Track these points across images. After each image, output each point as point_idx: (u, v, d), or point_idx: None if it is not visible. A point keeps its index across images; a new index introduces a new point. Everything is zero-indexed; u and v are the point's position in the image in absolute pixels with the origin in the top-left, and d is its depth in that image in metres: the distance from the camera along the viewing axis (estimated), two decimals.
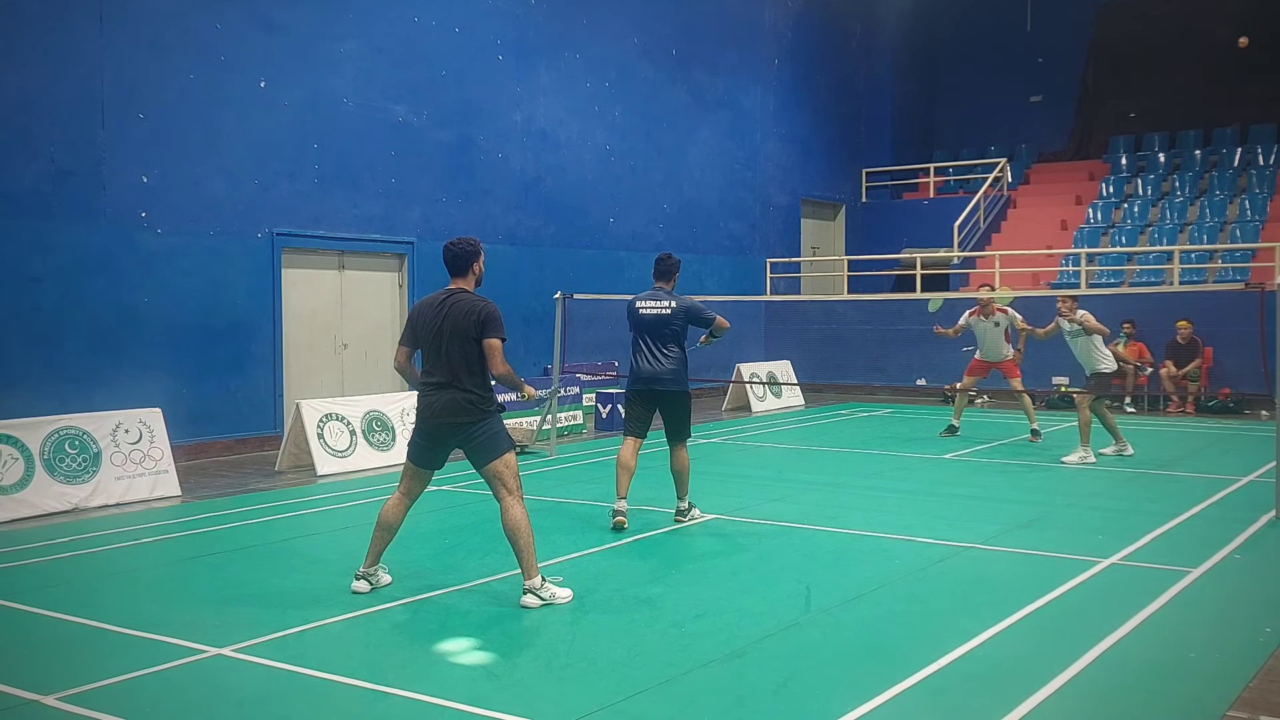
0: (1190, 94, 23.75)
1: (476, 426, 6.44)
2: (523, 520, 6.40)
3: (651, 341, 8.53)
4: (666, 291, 8.64)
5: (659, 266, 8.72)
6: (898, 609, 6.35)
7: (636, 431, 8.71)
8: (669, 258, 8.73)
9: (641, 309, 8.59)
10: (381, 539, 6.75)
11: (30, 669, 5.37)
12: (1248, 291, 10.29)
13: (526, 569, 6.39)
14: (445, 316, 6.42)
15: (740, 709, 4.81)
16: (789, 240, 22.11)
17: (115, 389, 11.26)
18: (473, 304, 6.43)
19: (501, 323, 6.47)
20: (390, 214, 14.41)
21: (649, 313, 8.55)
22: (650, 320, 8.54)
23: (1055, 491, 10.17)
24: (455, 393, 6.40)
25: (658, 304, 8.54)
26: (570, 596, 6.48)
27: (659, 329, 8.51)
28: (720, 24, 20.16)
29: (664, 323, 8.50)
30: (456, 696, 4.92)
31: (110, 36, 11.61)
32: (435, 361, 6.45)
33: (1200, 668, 5.34)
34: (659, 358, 8.50)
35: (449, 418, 6.43)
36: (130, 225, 11.84)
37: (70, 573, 7.47)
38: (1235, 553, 7.64)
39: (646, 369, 8.54)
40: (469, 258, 6.58)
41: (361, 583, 6.71)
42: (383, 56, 14.29)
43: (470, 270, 6.60)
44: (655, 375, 8.52)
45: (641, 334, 8.59)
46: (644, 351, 8.55)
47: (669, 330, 8.50)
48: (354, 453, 11.60)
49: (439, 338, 6.41)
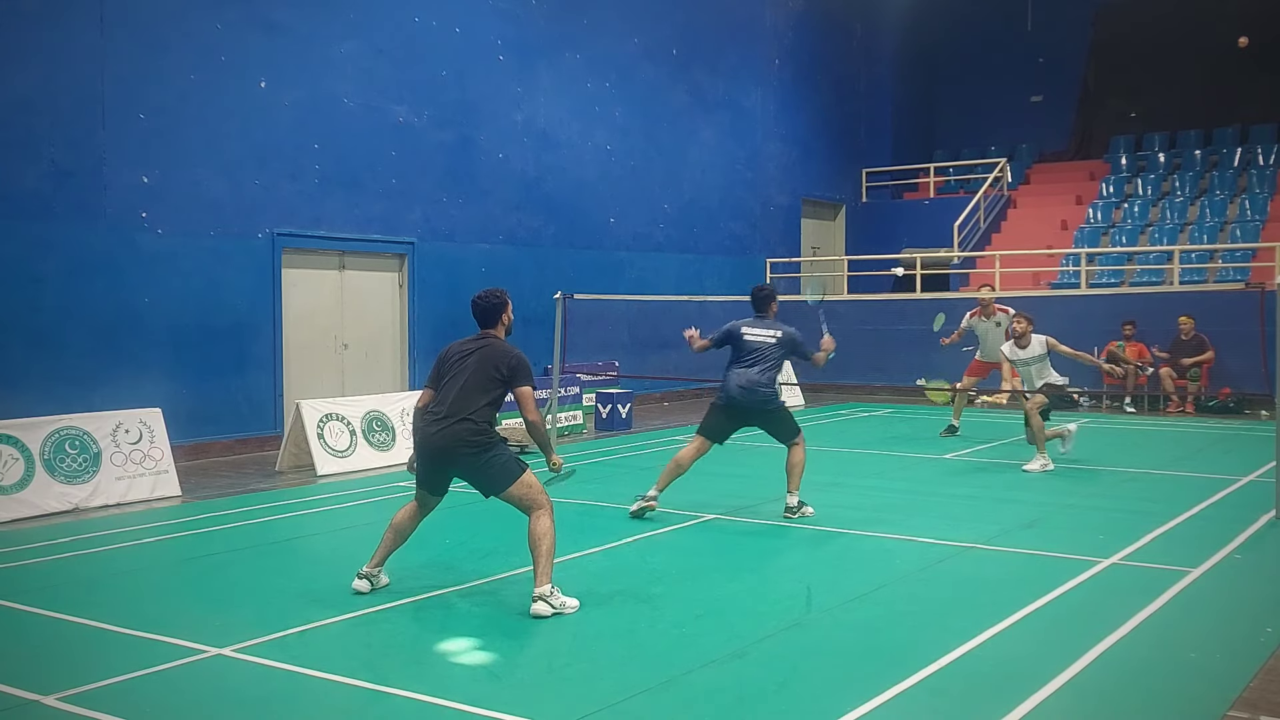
0: (1190, 94, 23.74)
1: (480, 457, 6.41)
2: (548, 530, 6.35)
3: (751, 362, 8.88)
4: (772, 321, 9.06)
5: (755, 299, 9.19)
6: (898, 609, 6.35)
7: (708, 435, 9.12)
8: (761, 289, 9.23)
9: (746, 334, 8.96)
10: (391, 541, 6.75)
11: (30, 669, 5.37)
12: (1248, 291, 10.30)
13: (542, 576, 6.31)
14: (473, 355, 6.52)
15: (740, 709, 4.81)
16: (789, 240, 22.11)
17: (115, 389, 11.26)
18: (506, 351, 6.55)
19: (532, 373, 6.61)
20: (390, 214, 14.41)
21: (753, 339, 8.94)
22: (753, 345, 8.93)
23: (1055, 491, 10.17)
24: (457, 424, 6.39)
25: (765, 332, 8.96)
26: (577, 605, 6.40)
27: (761, 353, 8.90)
28: (721, 24, 20.16)
29: (767, 350, 8.91)
30: (456, 696, 4.92)
31: (111, 37, 11.61)
32: (445, 396, 6.48)
33: (1200, 668, 5.34)
34: (755, 378, 8.83)
35: (454, 450, 6.40)
36: (131, 226, 11.84)
37: (70, 573, 7.47)
38: (1235, 553, 7.64)
39: (741, 386, 8.85)
40: (498, 310, 6.73)
41: (363, 582, 6.71)
42: (383, 57, 14.29)
43: (500, 321, 6.74)
44: (750, 390, 8.82)
45: (742, 354, 8.96)
46: (740, 370, 8.91)
47: (770, 357, 8.89)
48: (354, 453, 11.60)
49: (461, 374, 6.47)
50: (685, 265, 19.43)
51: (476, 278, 15.49)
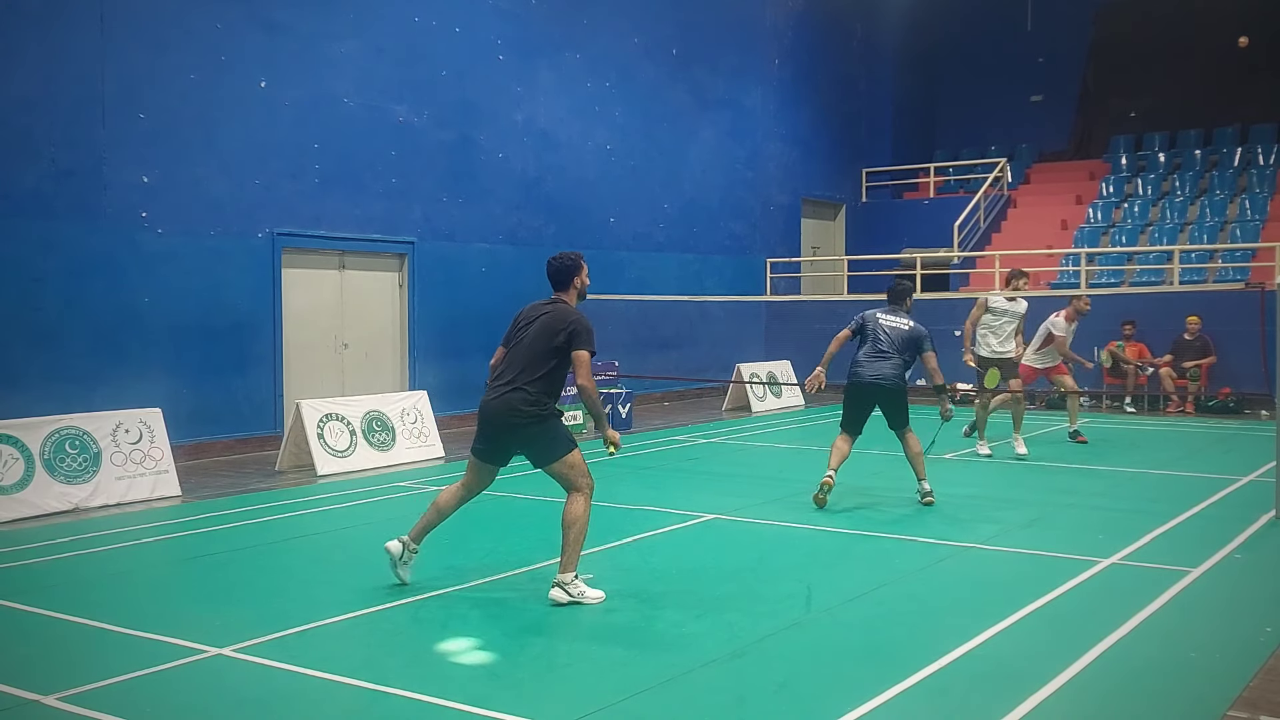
0: (1190, 94, 23.74)
1: (531, 428, 6.42)
2: (581, 515, 6.36)
3: (882, 346, 9.50)
4: (907, 313, 9.78)
5: (891, 293, 9.98)
6: (898, 609, 6.35)
7: (849, 430, 9.63)
8: (899, 283, 10.03)
9: (881, 320, 9.66)
10: (431, 518, 6.79)
11: (30, 669, 5.37)
12: (1248, 291, 10.31)
13: (565, 562, 6.34)
14: (537, 321, 6.55)
15: (740, 709, 4.81)
16: (789, 240, 22.11)
17: (116, 389, 11.26)
18: (566, 314, 6.56)
19: (593, 337, 6.54)
20: (391, 214, 14.41)
21: (888, 327, 9.60)
22: (887, 331, 9.57)
23: (1055, 491, 10.17)
24: (511, 392, 6.43)
25: (898, 322, 9.64)
26: (601, 598, 6.40)
27: (893, 340, 9.53)
28: (721, 24, 20.16)
29: (899, 337, 9.55)
30: (456, 696, 4.92)
31: (111, 36, 11.61)
32: (511, 360, 6.54)
33: (1200, 667, 5.34)
34: (884, 361, 9.45)
35: (505, 417, 6.44)
36: (131, 225, 11.84)
37: (70, 573, 7.47)
38: (1235, 553, 7.64)
39: (871, 369, 9.47)
40: (570, 272, 6.74)
41: (395, 544, 6.72)
42: (383, 56, 14.29)
43: (572, 284, 6.75)
44: (880, 373, 9.43)
45: (874, 338, 9.56)
46: (870, 353, 9.53)
47: (899, 344, 9.52)
48: (354, 453, 11.60)
49: (524, 340, 6.53)
50: (685, 265, 19.43)
51: (477, 277, 15.51)
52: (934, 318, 18.85)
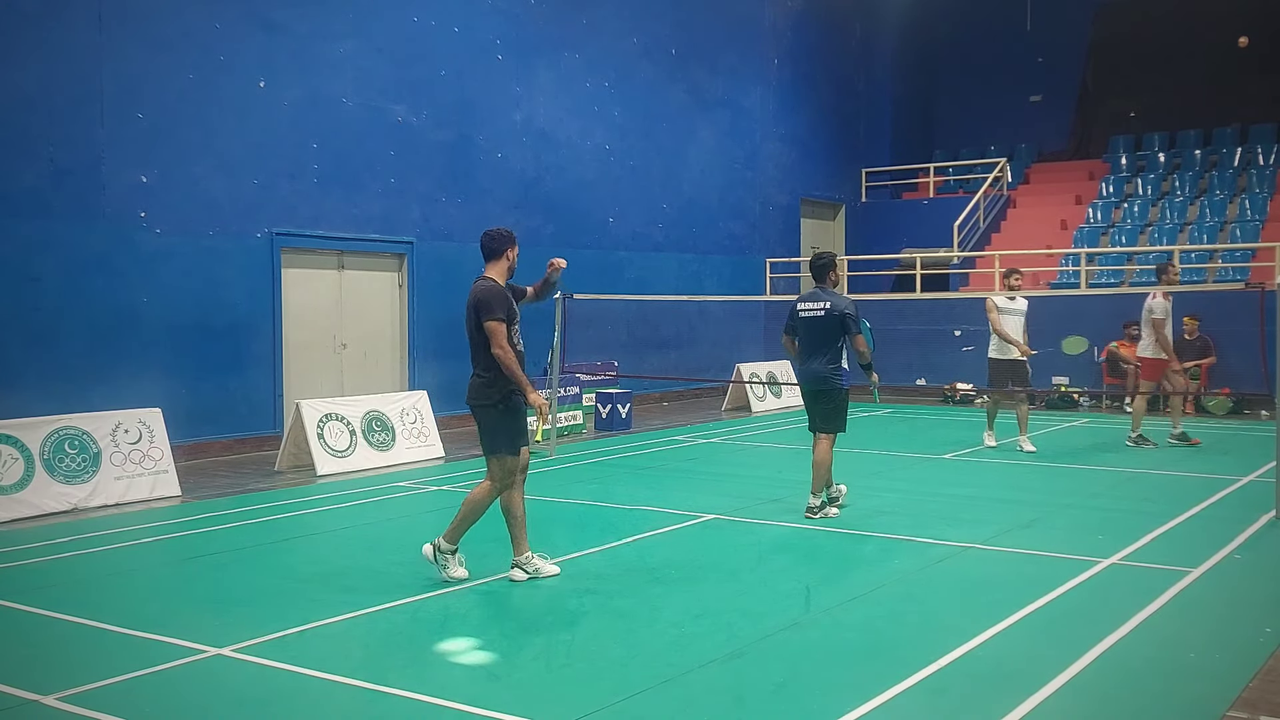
0: (1190, 94, 23.74)
1: (479, 411, 6.82)
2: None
3: (810, 342, 8.88)
4: (825, 292, 8.92)
5: (812, 269, 9.10)
6: (898, 609, 6.35)
7: (813, 427, 9.04)
8: (819, 256, 9.11)
9: (802, 310, 8.92)
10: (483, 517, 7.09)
11: (30, 669, 5.36)
12: (1248, 291, 10.29)
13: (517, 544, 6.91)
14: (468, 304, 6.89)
15: (740, 709, 4.81)
16: (789, 240, 22.10)
17: (115, 389, 11.25)
18: (475, 290, 6.87)
19: (499, 305, 6.73)
20: (389, 214, 14.40)
21: (807, 314, 8.88)
22: (807, 321, 8.89)
23: (1055, 491, 10.17)
24: (472, 378, 6.87)
25: (816, 307, 8.83)
26: (557, 571, 6.93)
27: (813, 329, 8.84)
28: (720, 24, 20.16)
29: (818, 324, 8.80)
30: (456, 696, 4.92)
31: (109, 36, 11.60)
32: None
33: (1200, 668, 5.34)
34: (811, 358, 8.86)
35: (469, 399, 6.88)
36: (129, 225, 11.83)
37: (70, 573, 7.47)
38: (1235, 553, 7.64)
39: (804, 369, 8.96)
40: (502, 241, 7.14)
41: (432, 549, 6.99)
42: (382, 56, 14.29)
43: (504, 255, 7.13)
44: (810, 374, 8.88)
45: (803, 334, 8.95)
46: (802, 351, 8.97)
47: (823, 331, 8.78)
48: (354, 453, 11.59)
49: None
50: (684, 265, 19.42)
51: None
52: (933, 318, 18.97)
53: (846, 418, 8.98)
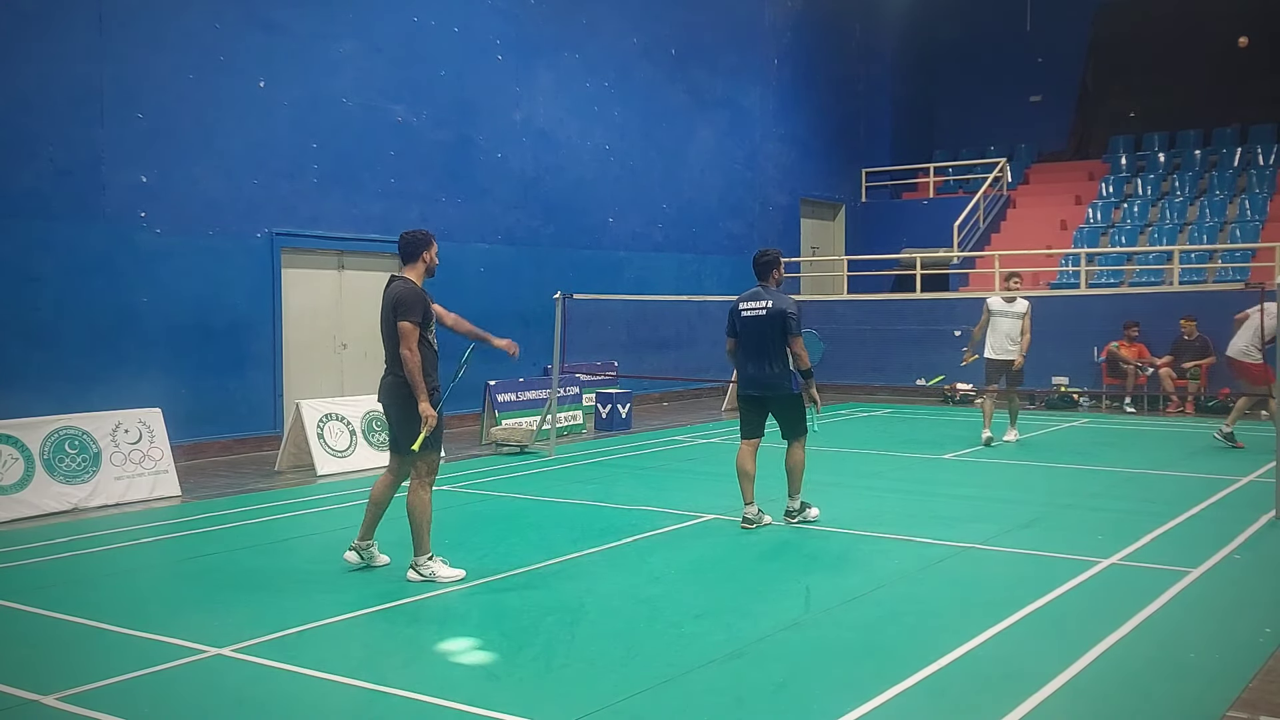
0: (1190, 94, 23.75)
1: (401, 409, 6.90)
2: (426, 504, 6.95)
3: (754, 344, 8.38)
4: (767, 291, 8.47)
5: (755, 267, 8.66)
6: (898, 609, 6.34)
7: (748, 433, 8.67)
8: (762, 253, 8.67)
9: (743, 310, 8.47)
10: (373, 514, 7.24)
11: (30, 669, 5.36)
12: (1248, 291, 10.30)
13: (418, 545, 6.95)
14: (385, 302, 7.01)
15: (740, 709, 4.81)
16: (789, 240, 22.10)
17: (115, 389, 11.25)
18: (395, 289, 7.00)
19: (416, 307, 6.86)
20: (389, 214, 14.39)
21: (748, 314, 8.42)
22: (748, 321, 8.41)
23: (1055, 491, 10.17)
24: (387, 377, 6.98)
25: (757, 307, 8.39)
26: (461, 575, 6.91)
27: (757, 330, 8.36)
28: (720, 24, 20.16)
29: (761, 324, 8.33)
30: (456, 696, 4.91)
31: (109, 36, 11.60)
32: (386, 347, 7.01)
33: (1200, 668, 5.33)
34: (758, 362, 8.37)
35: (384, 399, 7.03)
36: (129, 225, 11.83)
37: (70, 573, 7.47)
38: (1235, 553, 7.63)
39: (750, 374, 8.46)
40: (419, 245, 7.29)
41: (350, 554, 7.20)
42: (382, 56, 14.29)
43: (420, 258, 7.27)
44: (760, 380, 8.42)
45: (746, 337, 8.44)
46: (746, 354, 8.44)
47: (767, 332, 8.32)
48: (354, 453, 11.59)
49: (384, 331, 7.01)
50: (684, 265, 19.42)
51: (475, 277, 15.51)
52: (933, 318, 18.98)
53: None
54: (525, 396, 14.31)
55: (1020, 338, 12.90)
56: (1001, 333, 12.92)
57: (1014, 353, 12.90)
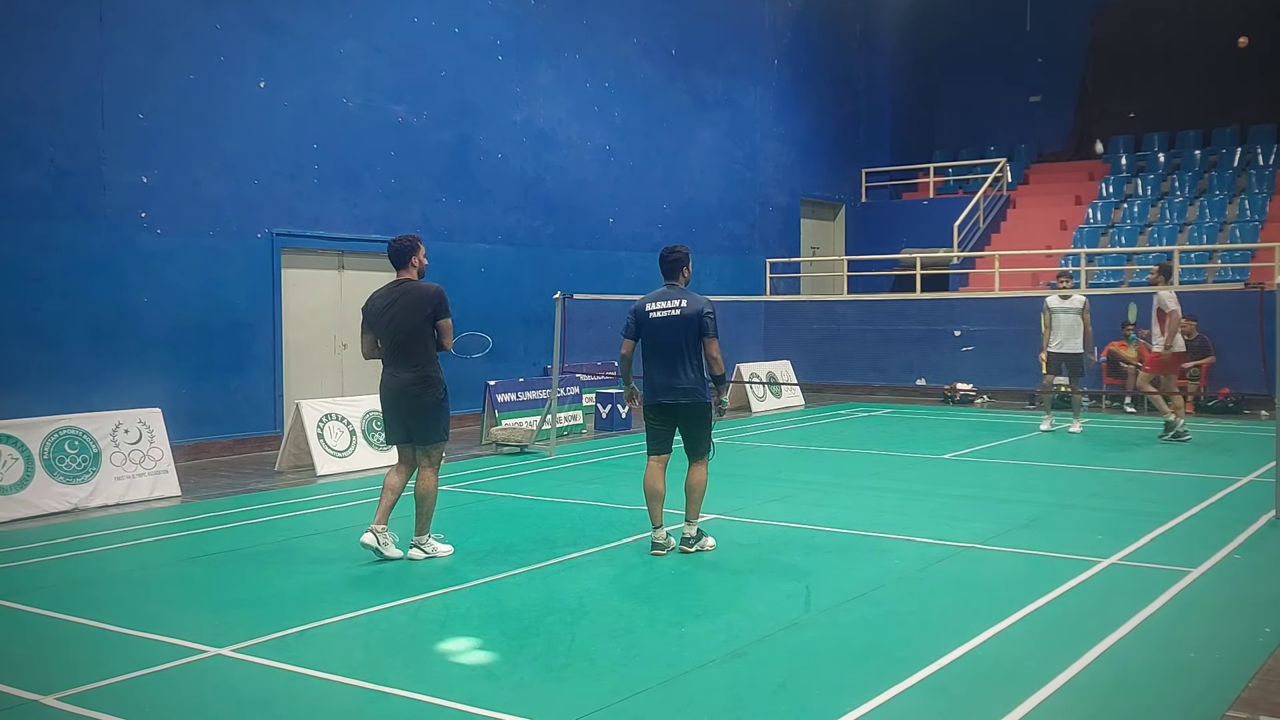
0: (1190, 94, 23.74)
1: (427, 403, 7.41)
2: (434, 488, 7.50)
3: (665, 349, 7.57)
4: (678, 290, 7.68)
5: (661, 265, 7.79)
6: (898, 609, 6.34)
7: (657, 448, 7.85)
8: (671, 250, 7.76)
9: (652, 311, 7.61)
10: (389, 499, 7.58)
11: (30, 669, 5.37)
12: (1248, 291, 10.29)
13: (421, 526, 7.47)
14: (397, 302, 7.35)
15: (740, 709, 4.81)
16: (789, 240, 22.10)
17: (115, 389, 11.25)
18: (424, 288, 7.42)
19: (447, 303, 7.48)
20: (390, 214, 14.40)
21: (659, 315, 7.58)
22: (659, 323, 7.57)
23: (1055, 491, 10.17)
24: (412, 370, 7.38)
25: (669, 307, 7.55)
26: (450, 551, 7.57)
27: (669, 333, 7.54)
28: (720, 24, 20.16)
29: (674, 326, 7.53)
30: (456, 696, 4.92)
31: (110, 36, 11.60)
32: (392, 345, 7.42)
33: (1200, 668, 5.34)
34: (672, 367, 7.57)
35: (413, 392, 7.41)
36: (130, 225, 11.83)
37: (70, 573, 7.47)
38: (1235, 553, 7.63)
39: (662, 381, 7.63)
40: (409, 251, 7.48)
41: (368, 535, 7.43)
42: (382, 57, 14.29)
43: (410, 263, 7.49)
44: (677, 388, 7.59)
45: (654, 340, 7.60)
46: (655, 360, 7.64)
47: (680, 335, 7.52)
48: (354, 453, 11.60)
49: (390, 320, 7.35)
50: None
51: (476, 278, 15.51)
52: (933, 318, 18.97)
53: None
54: (525, 396, 14.32)
55: (1080, 331, 13.93)
56: (1063, 328, 13.98)
57: (1076, 346, 13.93)
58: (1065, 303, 14.00)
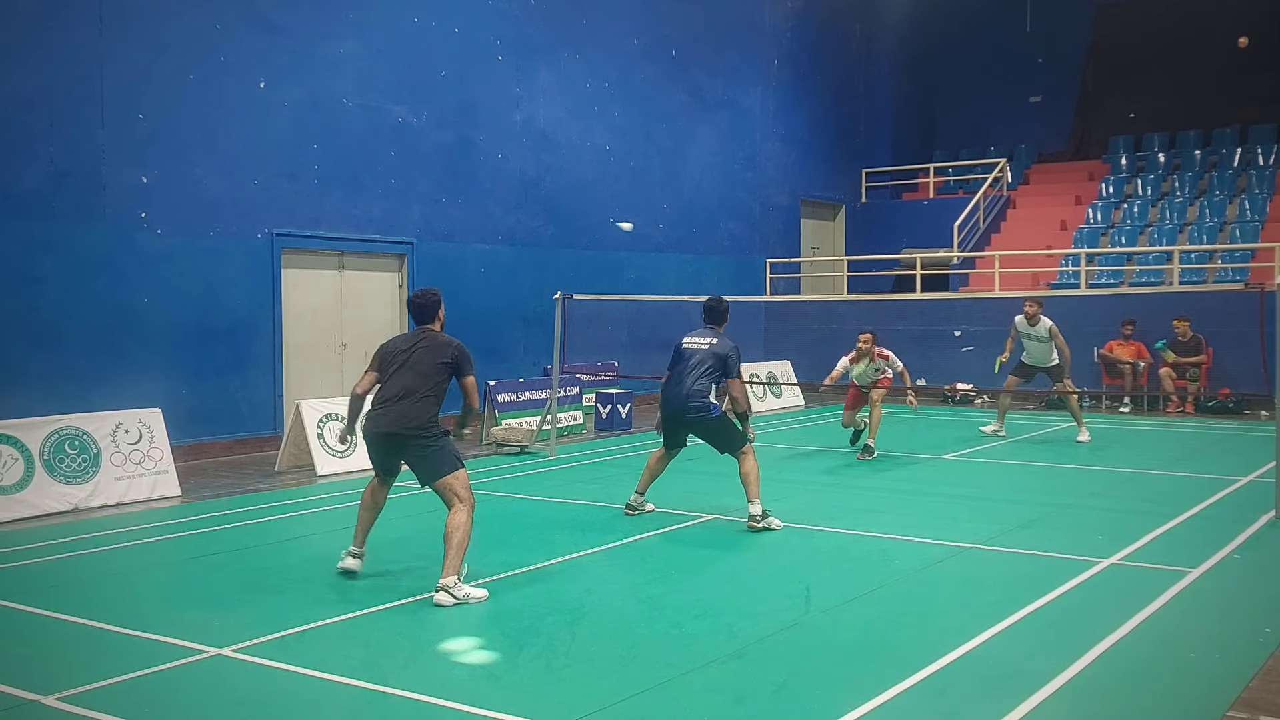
0: (1190, 94, 23.74)
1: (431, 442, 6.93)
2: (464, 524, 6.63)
3: (683, 371, 8.71)
4: (712, 331, 8.97)
5: (705, 312, 9.15)
6: (898, 609, 6.35)
7: (665, 444, 9.08)
8: (718, 301, 9.18)
9: (685, 343, 8.91)
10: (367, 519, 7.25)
11: (30, 669, 5.37)
12: (1247, 291, 10.29)
13: (448, 567, 6.47)
14: (418, 348, 6.99)
15: (740, 709, 4.81)
16: (789, 240, 22.10)
17: (115, 389, 11.24)
18: (448, 340, 7.09)
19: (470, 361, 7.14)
20: (390, 214, 14.40)
21: (689, 346, 8.86)
22: (687, 352, 8.83)
23: (1055, 491, 10.17)
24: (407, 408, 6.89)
25: (700, 340, 8.86)
26: (485, 596, 6.54)
27: (691, 360, 8.75)
28: (720, 24, 20.16)
29: (696, 355, 8.76)
30: (456, 696, 4.92)
31: (110, 37, 11.60)
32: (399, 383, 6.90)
33: (1200, 668, 5.34)
34: (681, 384, 8.67)
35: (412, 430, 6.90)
36: (130, 225, 11.83)
37: (70, 573, 7.47)
38: (1235, 553, 7.64)
39: (677, 393, 8.70)
40: (435, 307, 7.20)
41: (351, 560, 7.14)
42: (382, 57, 14.29)
43: (437, 317, 7.23)
44: (688, 402, 8.65)
45: (681, 364, 8.79)
46: (675, 376, 8.78)
47: (699, 363, 8.71)
48: (354, 453, 11.59)
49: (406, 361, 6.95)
50: (684, 265, 19.42)
51: (476, 278, 15.51)
52: (933, 318, 18.97)
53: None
54: (525, 397, 14.32)
55: (1053, 350, 13.60)
56: (1036, 350, 13.69)
57: (1053, 359, 13.66)
58: (1032, 329, 13.55)
